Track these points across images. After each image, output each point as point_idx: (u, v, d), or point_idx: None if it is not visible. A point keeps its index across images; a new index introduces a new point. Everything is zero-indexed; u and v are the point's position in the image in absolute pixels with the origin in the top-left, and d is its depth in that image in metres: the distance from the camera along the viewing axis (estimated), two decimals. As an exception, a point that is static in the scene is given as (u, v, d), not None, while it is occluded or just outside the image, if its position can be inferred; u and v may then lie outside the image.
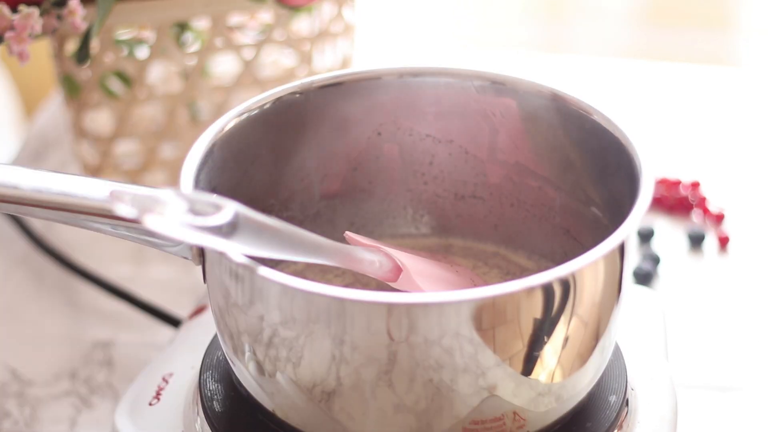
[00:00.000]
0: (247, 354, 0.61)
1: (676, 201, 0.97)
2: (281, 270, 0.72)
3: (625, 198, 0.63)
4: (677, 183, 0.99)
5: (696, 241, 0.93)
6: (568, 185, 0.71)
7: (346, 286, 0.72)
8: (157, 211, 0.54)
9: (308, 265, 0.73)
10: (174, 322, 0.82)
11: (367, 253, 0.66)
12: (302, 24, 0.99)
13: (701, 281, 0.89)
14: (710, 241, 0.93)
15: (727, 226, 0.95)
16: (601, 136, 0.68)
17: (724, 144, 1.06)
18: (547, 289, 0.58)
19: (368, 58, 1.10)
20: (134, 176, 0.95)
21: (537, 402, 0.61)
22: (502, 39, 1.97)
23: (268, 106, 0.70)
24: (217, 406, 0.65)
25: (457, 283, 0.70)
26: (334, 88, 0.71)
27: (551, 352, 0.60)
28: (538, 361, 0.59)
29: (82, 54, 0.83)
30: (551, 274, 0.57)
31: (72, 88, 0.93)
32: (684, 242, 0.93)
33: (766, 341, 0.83)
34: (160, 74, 1.04)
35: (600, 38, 2.08)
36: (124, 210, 0.53)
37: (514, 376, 0.59)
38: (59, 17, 0.81)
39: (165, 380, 0.69)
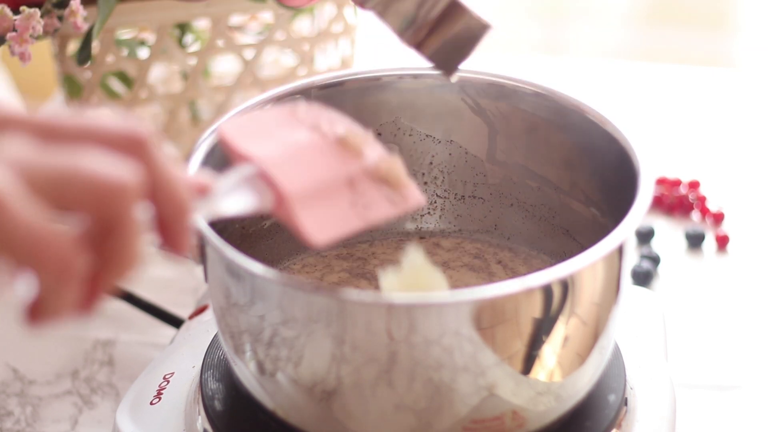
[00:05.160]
0: (248, 353, 0.62)
1: (675, 200, 0.97)
2: (282, 269, 0.72)
3: (624, 198, 0.63)
4: (677, 182, 0.99)
5: (695, 240, 0.93)
6: (567, 185, 0.72)
7: (347, 281, 0.72)
8: None
9: (306, 265, 0.73)
10: (175, 321, 0.82)
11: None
12: (303, 24, 1.00)
13: (700, 281, 0.90)
14: (709, 241, 0.94)
15: (727, 226, 0.95)
16: (601, 137, 0.68)
17: (724, 144, 1.06)
18: (547, 290, 0.58)
19: (368, 58, 1.10)
20: (135, 176, 0.95)
21: (536, 401, 0.61)
22: (502, 40, 1.97)
23: (268, 106, 0.70)
24: (218, 405, 0.65)
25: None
26: (334, 88, 0.72)
27: (550, 351, 0.60)
28: (537, 360, 0.60)
29: (84, 54, 0.84)
30: (550, 275, 0.57)
31: (73, 89, 0.93)
32: (683, 242, 0.93)
33: (765, 340, 0.83)
34: (161, 74, 1.04)
35: (599, 40, 2.08)
36: None
37: (513, 376, 0.59)
38: (60, 18, 0.81)
39: (166, 379, 0.69)
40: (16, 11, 0.79)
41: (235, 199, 0.54)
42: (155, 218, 0.48)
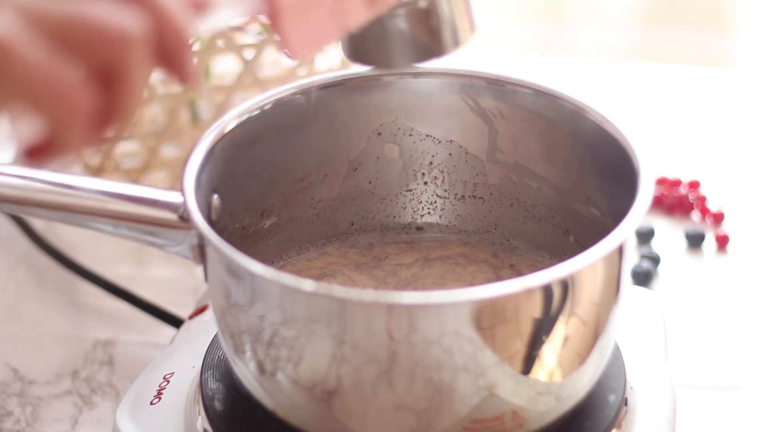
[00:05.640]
0: (248, 353, 0.62)
1: (675, 200, 0.97)
2: (282, 269, 0.72)
3: (624, 198, 0.63)
4: (677, 182, 0.99)
5: (695, 240, 0.93)
6: (568, 185, 0.72)
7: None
8: None
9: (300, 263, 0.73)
10: (175, 321, 0.83)
11: None
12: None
13: (700, 281, 0.90)
14: (709, 241, 0.94)
15: (727, 226, 0.95)
16: (601, 137, 0.68)
17: (724, 144, 1.06)
18: (546, 290, 0.58)
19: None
20: (135, 176, 0.96)
21: (536, 401, 0.61)
22: (502, 40, 1.97)
23: (268, 106, 0.70)
24: (218, 405, 0.65)
25: None
26: (334, 88, 0.72)
27: (550, 351, 0.60)
28: (537, 360, 0.60)
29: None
30: (550, 275, 0.57)
31: (73, 89, 0.93)
32: (683, 242, 0.93)
33: (765, 340, 0.83)
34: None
35: (599, 39, 2.08)
36: None
37: (513, 376, 0.59)
38: (60, 18, 0.81)
39: (166, 379, 0.69)
40: (16, 11, 0.79)
41: (231, 8, 0.57)
42: (159, 51, 0.50)
